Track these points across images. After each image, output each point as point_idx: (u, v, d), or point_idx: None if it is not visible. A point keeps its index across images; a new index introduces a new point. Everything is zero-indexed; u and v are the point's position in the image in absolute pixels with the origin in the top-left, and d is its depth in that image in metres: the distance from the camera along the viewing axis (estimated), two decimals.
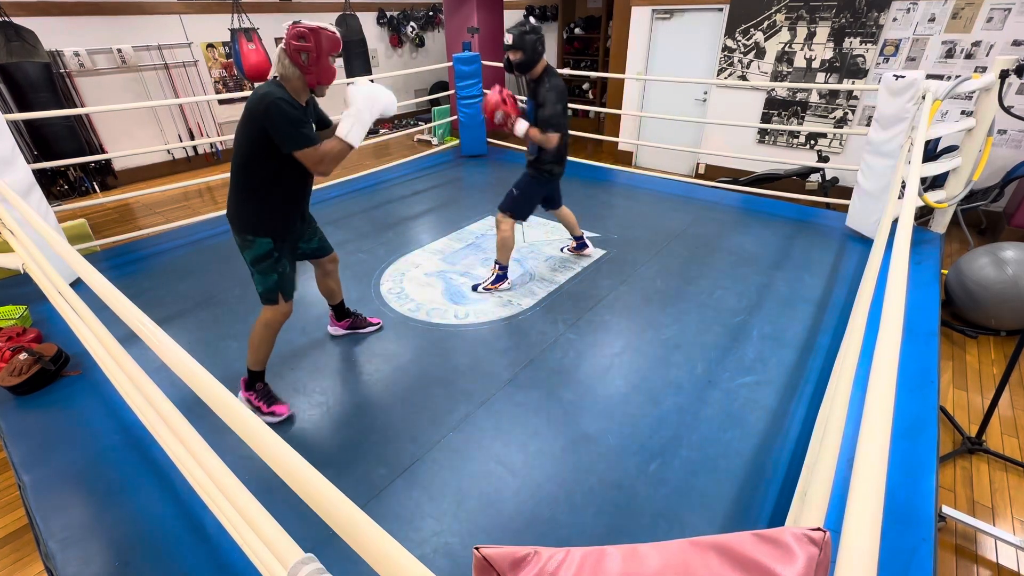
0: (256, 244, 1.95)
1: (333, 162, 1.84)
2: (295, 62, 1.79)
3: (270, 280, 2.00)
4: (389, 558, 0.66)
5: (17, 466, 1.91)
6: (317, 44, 1.78)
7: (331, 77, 1.87)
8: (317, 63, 1.80)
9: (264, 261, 1.97)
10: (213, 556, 1.56)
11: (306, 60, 1.79)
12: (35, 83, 4.69)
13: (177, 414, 1.27)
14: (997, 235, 4.31)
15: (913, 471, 1.77)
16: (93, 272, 1.49)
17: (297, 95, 1.84)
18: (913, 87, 2.97)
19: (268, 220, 1.95)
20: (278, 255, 2.00)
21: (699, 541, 0.53)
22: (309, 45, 1.77)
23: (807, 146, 5.28)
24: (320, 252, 2.34)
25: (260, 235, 1.95)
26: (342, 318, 2.63)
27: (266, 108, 1.73)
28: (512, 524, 1.66)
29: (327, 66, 1.83)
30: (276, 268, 2.00)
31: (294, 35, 1.77)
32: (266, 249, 1.96)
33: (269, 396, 2.15)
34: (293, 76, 1.81)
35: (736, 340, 2.53)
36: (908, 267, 1.76)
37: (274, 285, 2.01)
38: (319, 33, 1.78)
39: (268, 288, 2.01)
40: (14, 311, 2.75)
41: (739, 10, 5.19)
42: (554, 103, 2.51)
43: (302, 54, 1.78)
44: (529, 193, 2.85)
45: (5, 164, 2.76)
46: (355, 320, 2.66)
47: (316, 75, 1.83)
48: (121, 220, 5.18)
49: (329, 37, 1.81)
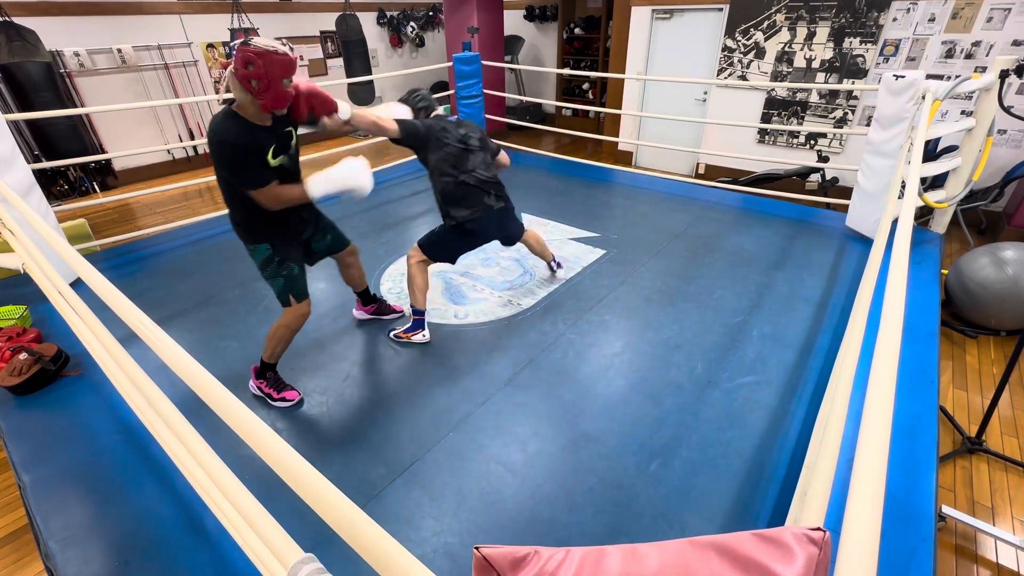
0: (257, 251, 2.02)
1: (287, 203, 1.89)
2: (246, 88, 1.70)
3: (277, 284, 2.06)
4: (389, 558, 0.66)
5: (17, 466, 1.91)
6: (267, 70, 1.67)
7: (286, 100, 1.78)
8: (268, 89, 1.70)
9: (268, 266, 2.03)
10: (213, 556, 1.56)
11: (256, 87, 1.69)
12: (37, 83, 4.69)
13: (177, 414, 1.27)
14: (997, 235, 4.31)
15: (913, 471, 1.77)
16: (93, 272, 1.49)
17: (257, 119, 1.80)
18: (913, 87, 2.97)
19: (261, 228, 1.98)
20: (279, 259, 2.03)
21: (699, 541, 0.53)
22: (259, 72, 1.67)
23: (807, 146, 5.28)
24: (336, 247, 2.37)
25: (257, 243, 2.00)
26: (368, 303, 2.73)
27: (217, 146, 1.74)
28: (512, 524, 1.66)
29: (280, 91, 1.73)
30: (280, 272, 2.04)
31: (241, 61, 1.66)
32: (266, 255, 2.01)
33: (279, 384, 2.21)
34: (247, 102, 1.75)
35: (736, 340, 2.53)
36: (908, 267, 1.76)
37: (282, 288, 2.06)
38: (268, 58, 1.66)
39: (278, 291, 2.07)
40: (14, 311, 2.75)
41: (739, 10, 5.20)
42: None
43: (252, 80, 1.68)
44: (439, 238, 2.52)
45: (5, 164, 2.76)
46: (380, 306, 2.75)
47: (269, 101, 1.73)
48: (121, 220, 5.18)
49: (279, 61, 1.68)
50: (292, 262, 2.07)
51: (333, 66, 7.98)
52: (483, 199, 2.45)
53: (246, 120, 1.78)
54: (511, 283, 3.11)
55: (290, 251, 2.07)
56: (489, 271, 3.27)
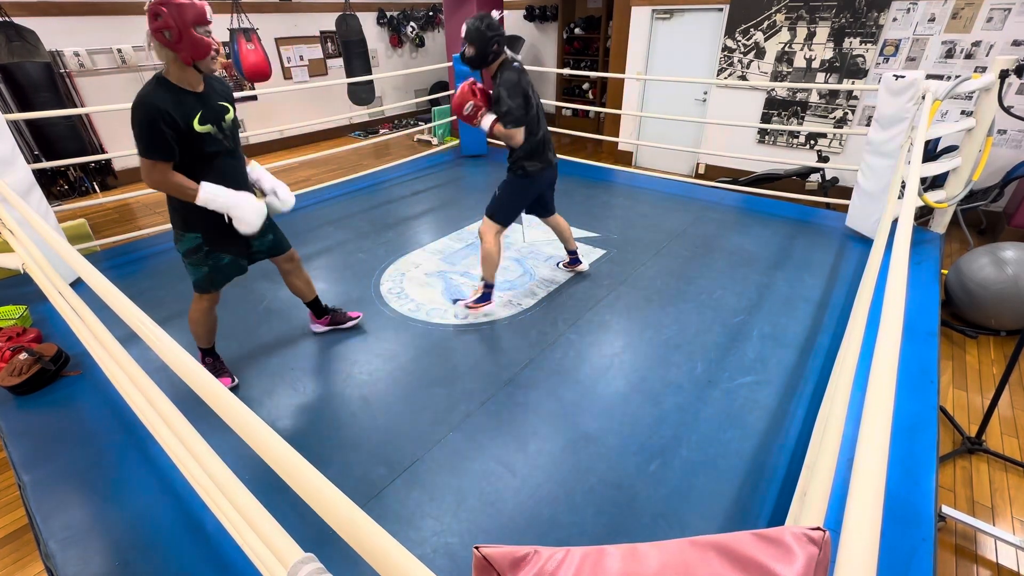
0: (184, 239, 2.00)
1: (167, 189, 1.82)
2: (161, 43, 1.68)
3: (200, 272, 2.06)
4: (389, 558, 0.66)
5: (17, 466, 1.91)
6: (175, 17, 1.65)
7: (205, 49, 1.73)
8: (182, 37, 1.67)
9: (194, 255, 2.02)
10: (213, 556, 1.56)
11: (170, 37, 1.66)
12: (36, 83, 4.69)
13: (177, 414, 1.27)
14: (997, 235, 4.31)
15: (913, 471, 1.77)
16: (93, 272, 1.49)
17: (184, 82, 1.78)
18: (913, 87, 2.97)
19: (192, 216, 1.95)
20: (208, 249, 2.02)
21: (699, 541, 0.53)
22: (168, 22, 1.64)
23: (807, 146, 5.28)
24: (275, 250, 2.30)
25: (188, 231, 1.98)
26: (321, 315, 2.62)
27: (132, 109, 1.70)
28: (512, 524, 1.66)
29: (196, 38, 1.70)
30: (207, 261, 2.04)
31: (151, 15, 1.64)
32: (194, 244, 2.00)
33: (217, 368, 2.29)
34: (169, 60, 1.72)
35: (736, 340, 2.53)
36: (908, 267, 1.76)
37: (204, 276, 2.07)
38: (173, 5, 1.64)
39: (197, 278, 2.08)
40: (14, 311, 2.75)
41: (739, 10, 5.20)
42: (507, 98, 2.38)
43: (164, 32, 1.65)
44: (508, 196, 2.64)
45: (5, 164, 2.76)
46: (335, 316, 2.65)
47: (187, 50, 1.70)
48: (121, 220, 5.18)
49: (186, 5, 1.66)
50: (223, 252, 2.06)
51: (333, 66, 7.98)
52: (548, 155, 2.67)
53: (173, 84, 1.75)
54: (511, 283, 3.11)
55: (224, 238, 2.03)
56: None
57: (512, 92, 2.38)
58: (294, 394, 2.26)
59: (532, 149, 2.57)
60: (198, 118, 1.80)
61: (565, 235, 3.06)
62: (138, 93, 1.71)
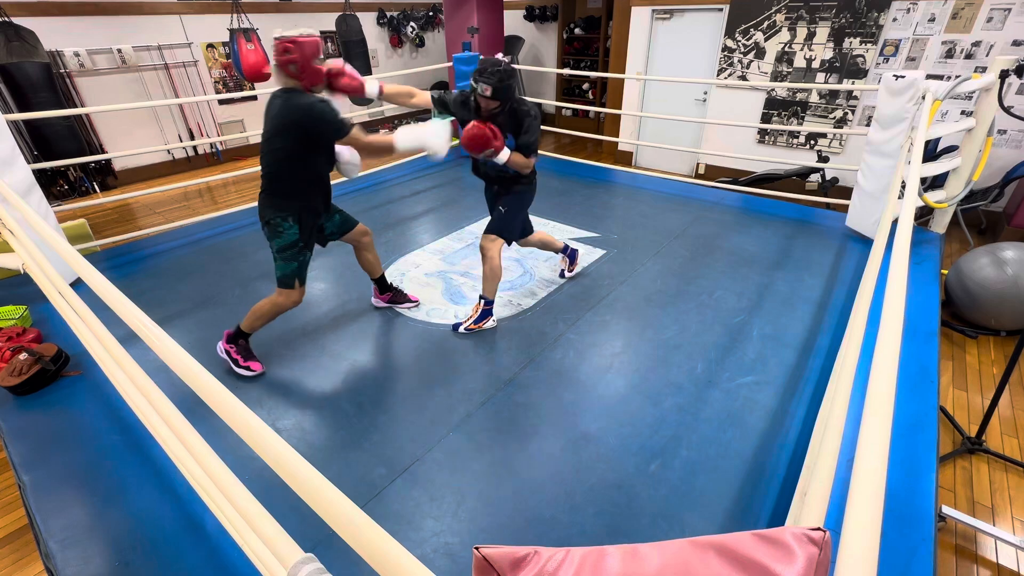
0: (285, 234, 2.16)
1: (371, 152, 2.13)
2: (288, 74, 2.00)
3: (290, 267, 2.21)
4: (389, 558, 0.66)
5: (17, 466, 1.91)
6: (301, 53, 1.97)
7: (320, 77, 2.06)
8: (305, 69, 2.00)
9: (289, 250, 2.19)
10: (213, 556, 1.56)
11: (295, 70, 1.99)
12: (35, 83, 4.69)
13: (177, 414, 1.27)
14: (997, 235, 4.31)
15: (913, 471, 1.77)
16: (93, 272, 1.49)
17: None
18: (913, 87, 2.97)
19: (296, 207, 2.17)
20: (302, 244, 2.21)
21: (699, 541, 0.53)
22: (294, 57, 1.96)
23: (807, 146, 5.28)
24: (345, 227, 2.50)
25: (289, 222, 2.16)
26: (384, 291, 2.83)
27: (308, 112, 1.98)
28: (512, 524, 1.66)
29: (315, 69, 2.02)
30: (299, 257, 2.22)
31: (280, 51, 1.97)
32: (293, 239, 2.18)
33: (247, 352, 2.37)
34: (293, 86, 2.03)
35: (736, 340, 2.53)
36: (908, 267, 1.76)
37: (293, 272, 2.22)
38: (299, 43, 1.96)
39: (287, 274, 2.22)
40: (14, 311, 2.75)
41: (739, 10, 5.20)
42: (536, 129, 2.46)
43: (290, 66, 1.98)
44: (515, 211, 2.64)
45: (5, 164, 2.76)
46: (395, 295, 2.85)
47: (308, 79, 2.02)
48: (121, 220, 5.18)
49: (309, 43, 1.98)
50: (309, 249, 2.27)
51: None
52: None
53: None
54: (511, 283, 3.11)
55: (312, 237, 2.27)
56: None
57: (536, 125, 2.47)
58: (294, 394, 2.26)
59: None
60: None
61: (548, 241, 2.98)
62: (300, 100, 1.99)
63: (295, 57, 1.96)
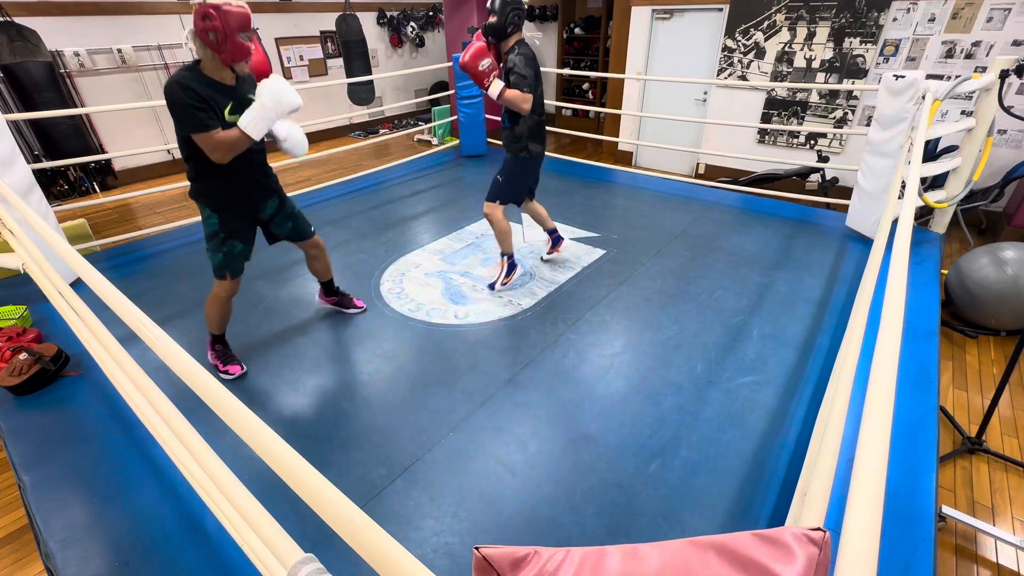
0: (207, 221, 2.10)
1: (228, 150, 1.88)
2: (205, 43, 1.80)
3: (216, 257, 2.16)
4: (389, 558, 0.66)
5: (17, 466, 1.91)
6: (224, 22, 1.77)
7: (244, 53, 1.86)
8: (226, 41, 1.80)
9: (212, 240, 2.13)
10: (213, 556, 1.56)
11: (215, 39, 1.79)
12: (39, 83, 4.69)
13: (177, 414, 1.27)
14: (997, 235, 4.31)
15: (913, 471, 1.77)
16: (93, 272, 1.49)
17: (217, 74, 1.89)
18: (913, 87, 2.97)
19: (208, 194, 2.06)
20: (224, 235, 2.12)
21: (699, 541, 0.53)
22: (216, 24, 1.76)
23: (807, 146, 5.28)
24: (296, 236, 2.42)
25: (207, 211, 2.08)
26: (330, 295, 2.80)
27: (165, 91, 1.81)
28: (512, 524, 1.66)
29: (239, 43, 1.83)
30: (222, 248, 2.14)
31: (199, 15, 1.76)
32: (213, 228, 2.11)
33: (225, 356, 2.36)
34: (207, 57, 1.85)
35: (736, 340, 2.53)
36: (908, 267, 1.76)
37: (220, 263, 2.17)
38: (223, 11, 1.76)
39: (215, 264, 2.18)
40: (14, 311, 2.75)
41: (739, 10, 5.20)
42: (523, 66, 2.49)
43: (209, 34, 1.78)
44: (512, 176, 2.79)
45: (5, 164, 2.76)
46: (342, 299, 2.82)
47: (229, 53, 1.83)
48: (121, 220, 5.18)
49: (235, 14, 1.79)
50: (237, 239, 2.16)
51: (333, 66, 7.99)
52: (545, 136, 2.82)
53: (205, 75, 1.87)
54: (511, 283, 3.11)
55: (237, 226, 2.15)
56: (490, 271, 3.26)
57: (528, 63, 2.53)
58: (294, 394, 2.26)
59: (535, 128, 2.71)
60: (229, 108, 1.91)
61: (543, 216, 3.20)
62: (171, 78, 1.82)
63: (216, 25, 1.76)
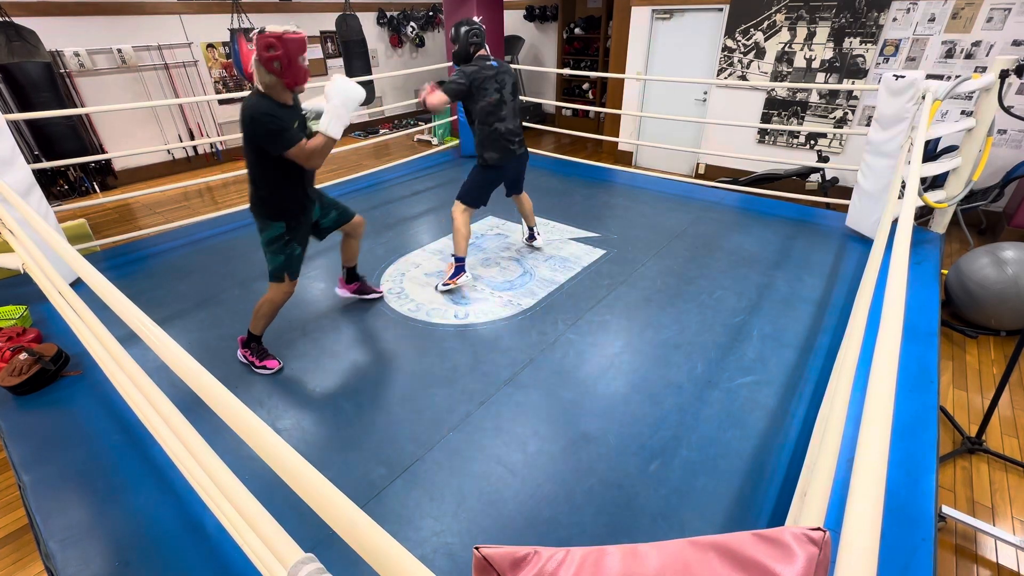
0: (271, 228, 2.22)
1: (320, 156, 2.05)
2: (270, 71, 1.93)
3: (277, 260, 2.26)
4: (389, 558, 0.66)
5: (17, 466, 1.91)
6: (286, 50, 1.90)
7: (305, 77, 2.01)
8: (290, 67, 1.94)
9: (275, 243, 2.24)
10: (213, 556, 1.56)
11: (279, 67, 1.93)
12: (37, 83, 4.68)
13: (177, 414, 1.27)
14: (997, 235, 4.31)
15: (913, 471, 1.77)
16: (93, 272, 1.49)
17: (281, 97, 2.02)
18: (913, 87, 2.97)
19: (283, 206, 2.22)
20: (288, 239, 2.25)
21: (699, 541, 0.53)
22: (279, 53, 1.90)
23: (807, 146, 5.28)
24: (343, 219, 2.59)
25: (275, 220, 2.21)
26: (352, 281, 2.91)
27: (250, 121, 1.96)
28: (512, 524, 1.66)
29: (299, 67, 1.96)
30: (284, 251, 2.26)
31: (263, 46, 1.89)
32: (278, 232, 2.23)
33: (261, 353, 2.41)
34: (273, 83, 1.97)
35: (736, 340, 2.53)
36: (908, 267, 1.76)
37: (281, 265, 2.27)
38: (285, 39, 1.90)
39: (276, 267, 2.27)
40: (14, 311, 2.75)
41: (739, 10, 5.20)
42: (451, 76, 2.80)
43: (274, 62, 1.91)
44: (472, 182, 3.02)
45: (5, 164, 2.76)
46: (362, 285, 2.93)
47: (292, 77, 1.97)
48: (121, 220, 5.18)
49: (296, 40, 1.92)
50: (297, 243, 2.30)
51: (333, 66, 7.99)
52: (508, 147, 2.94)
53: (271, 99, 2.00)
54: (511, 283, 3.11)
55: (300, 232, 2.31)
56: (489, 271, 3.27)
57: (458, 74, 2.77)
58: (294, 394, 2.26)
59: (485, 138, 2.87)
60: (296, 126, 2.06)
61: (527, 212, 3.40)
62: (248, 106, 1.96)
63: (279, 55, 1.90)
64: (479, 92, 2.76)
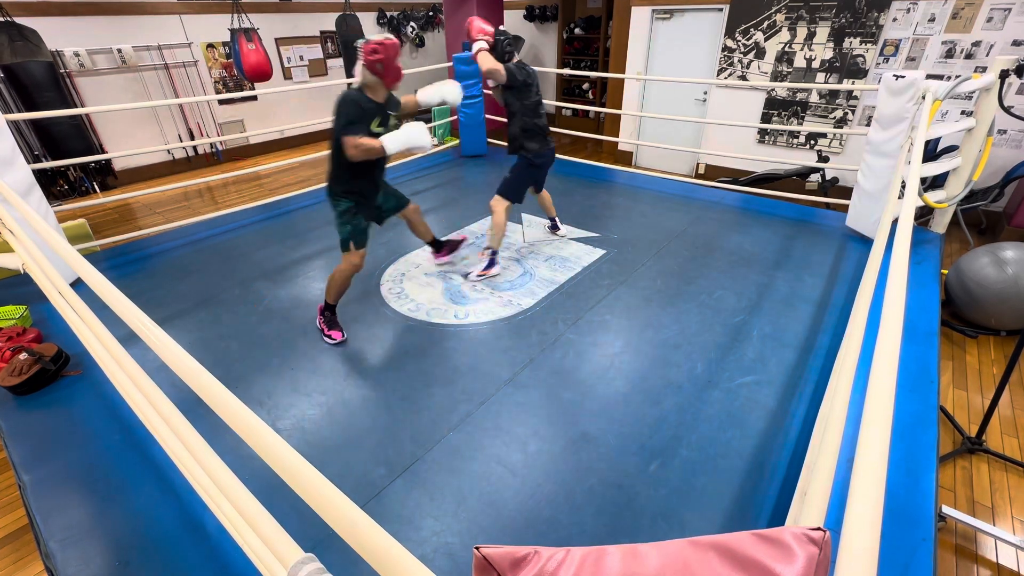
0: (341, 203, 2.50)
1: (363, 153, 2.29)
2: (374, 72, 2.29)
3: (346, 230, 2.51)
4: (389, 558, 0.66)
5: (17, 466, 1.91)
6: (386, 54, 2.26)
7: (400, 75, 2.37)
8: (389, 68, 2.30)
9: (344, 215, 2.50)
10: (213, 556, 1.56)
11: (381, 68, 2.28)
12: (40, 83, 4.69)
13: (177, 414, 1.27)
14: (997, 235, 4.31)
15: (913, 471, 1.77)
16: (93, 272, 1.49)
17: (374, 95, 2.36)
18: (913, 87, 2.97)
19: (354, 185, 2.49)
20: (355, 211, 2.52)
21: (699, 541, 0.53)
22: (381, 56, 2.25)
23: (807, 146, 5.28)
24: (400, 206, 2.89)
25: (344, 197, 2.49)
26: (439, 249, 3.27)
27: (337, 104, 2.27)
28: (512, 524, 1.66)
29: (396, 68, 2.33)
30: (351, 222, 2.51)
31: (368, 51, 2.25)
32: (348, 206, 2.50)
33: (331, 323, 2.63)
34: (374, 83, 2.33)
35: (736, 340, 2.53)
36: (908, 267, 1.76)
37: (348, 234, 2.51)
38: (385, 44, 2.27)
39: (344, 237, 2.52)
40: (14, 311, 2.75)
41: (739, 10, 5.20)
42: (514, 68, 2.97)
43: (377, 64, 2.27)
44: (516, 176, 3.14)
45: (5, 164, 2.76)
46: (451, 246, 3.30)
47: (391, 77, 2.34)
48: (121, 220, 5.18)
49: (393, 45, 2.29)
50: (363, 216, 2.56)
51: (333, 66, 7.98)
52: (546, 138, 3.17)
53: (366, 95, 2.34)
54: (511, 283, 3.11)
55: (365, 208, 2.58)
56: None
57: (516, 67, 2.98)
58: (294, 394, 2.26)
59: (528, 130, 3.05)
60: (376, 122, 2.38)
61: (547, 204, 3.62)
62: (341, 93, 2.31)
63: (382, 57, 2.24)
64: (525, 90, 3.00)
